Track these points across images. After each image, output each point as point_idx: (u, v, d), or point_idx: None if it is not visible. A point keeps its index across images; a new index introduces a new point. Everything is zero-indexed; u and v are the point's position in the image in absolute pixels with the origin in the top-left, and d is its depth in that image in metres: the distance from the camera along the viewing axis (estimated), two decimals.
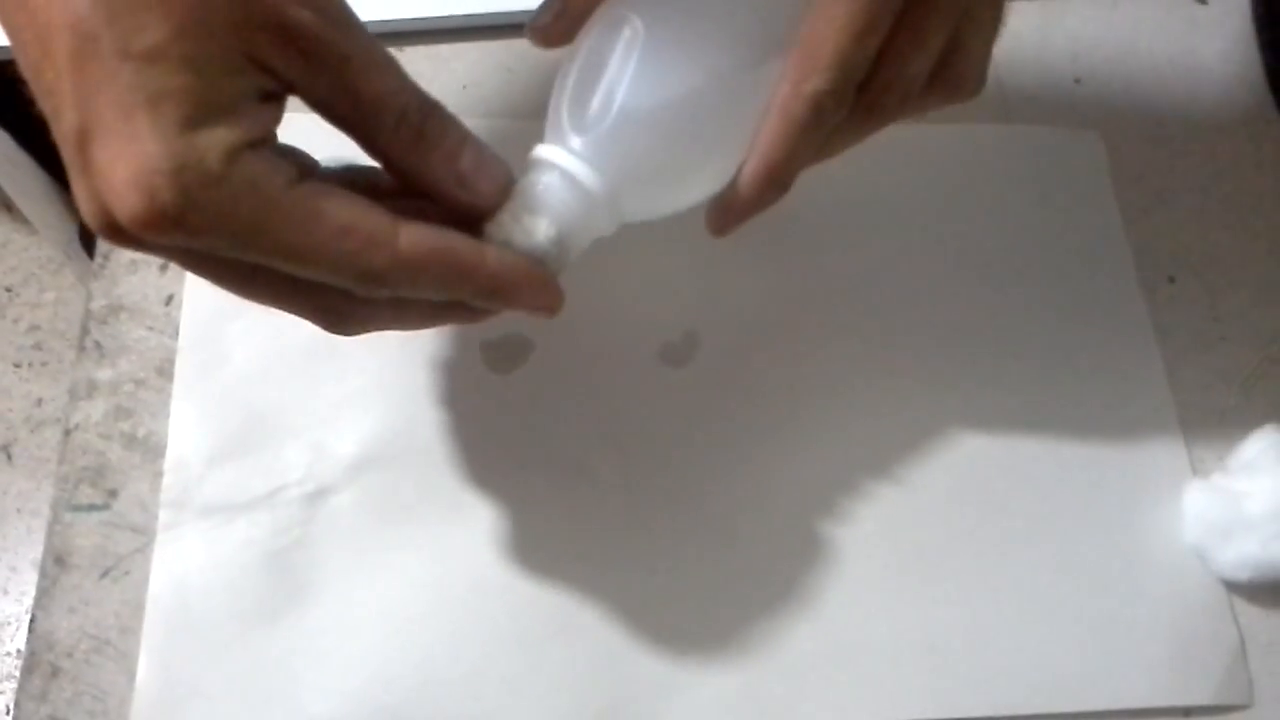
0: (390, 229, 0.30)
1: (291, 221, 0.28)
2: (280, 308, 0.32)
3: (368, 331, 0.34)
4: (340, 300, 0.32)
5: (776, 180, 0.35)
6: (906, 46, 0.34)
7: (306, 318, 0.33)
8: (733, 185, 0.36)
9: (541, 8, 0.38)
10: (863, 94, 0.34)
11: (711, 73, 0.34)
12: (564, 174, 0.33)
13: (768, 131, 0.35)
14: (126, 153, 0.27)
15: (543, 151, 0.34)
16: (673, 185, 0.36)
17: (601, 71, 0.34)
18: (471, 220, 0.34)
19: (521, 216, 0.33)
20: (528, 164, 0.34)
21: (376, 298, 0.31)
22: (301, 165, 0.30)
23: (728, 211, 0.37)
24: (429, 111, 0.32)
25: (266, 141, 0.29)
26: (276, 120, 0.30)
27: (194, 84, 0.27)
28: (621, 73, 0.33)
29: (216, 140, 0.27)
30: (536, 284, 0.33)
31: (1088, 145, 0.54)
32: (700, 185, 0.36)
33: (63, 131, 0.28)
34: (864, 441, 0.47)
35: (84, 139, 0.27)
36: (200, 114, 0.27)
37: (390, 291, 0.31)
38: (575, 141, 0.33)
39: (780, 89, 0.34)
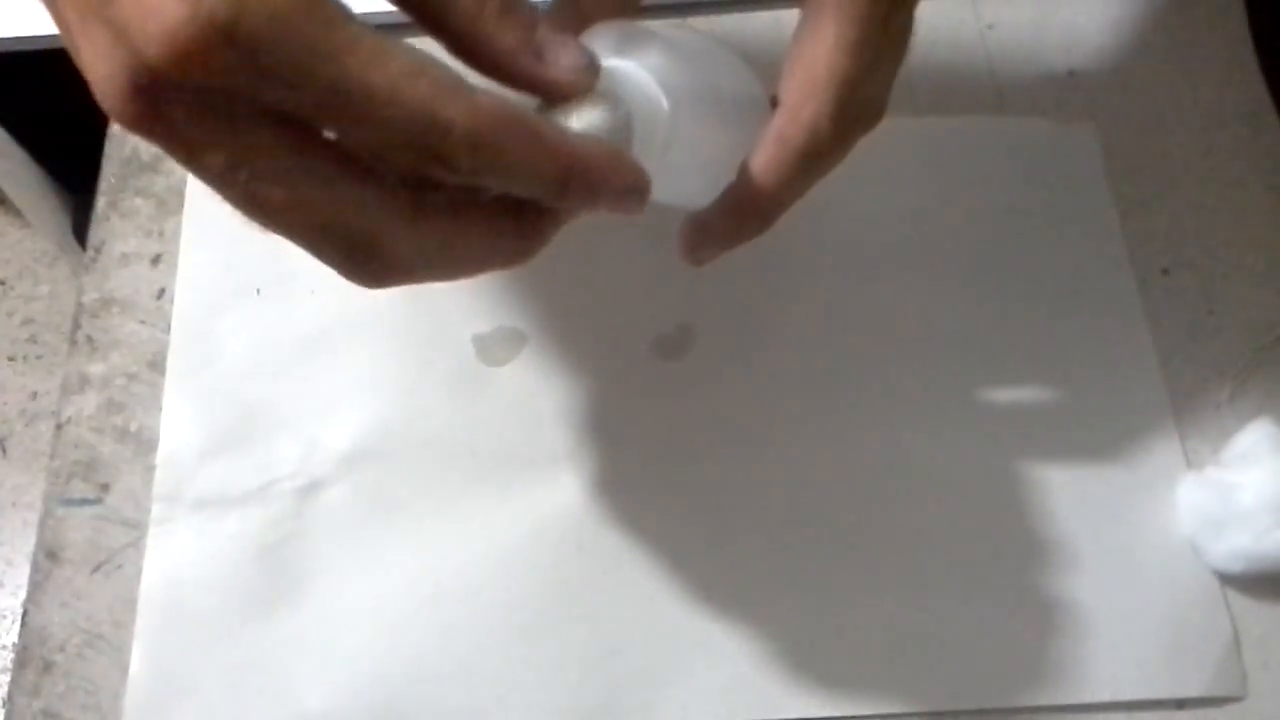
0: (465, 83, 0.25)
1: (358, 50, 0.24)
2: (308, 226, 0.27)
3: (404, 275, 0.28)
4: (384, 215, 0.27)
5: (768, 206, 0.35)
6: (874, 68, 0.33)
7: (334, 250, 0.27)
8: (713, 208, 0.35)
9: None
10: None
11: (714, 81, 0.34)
12: (630, 69, 0.31)
13: (762, 157, 0.34)
14: None
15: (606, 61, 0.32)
16: (692, 145, 0.34)
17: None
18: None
19: (595, 101, 0.30)
20: None
21: (442, 178, 0.26)
22: None
23: (705, 234, 0.36)
24: None
25: None
26: None
27: None
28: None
29: None
30: (624, 162, 0.29)
31: (1082, 137, 0.54)
32: (702, 172, 0.36)
33: None
34: (856, 434, 0.47)
35: None
36: None
37: (465, 162, 0.25)
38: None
39: (777, 117, 0.33)
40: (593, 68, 0.29)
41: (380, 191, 0.26)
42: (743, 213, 0.35)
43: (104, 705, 0.41)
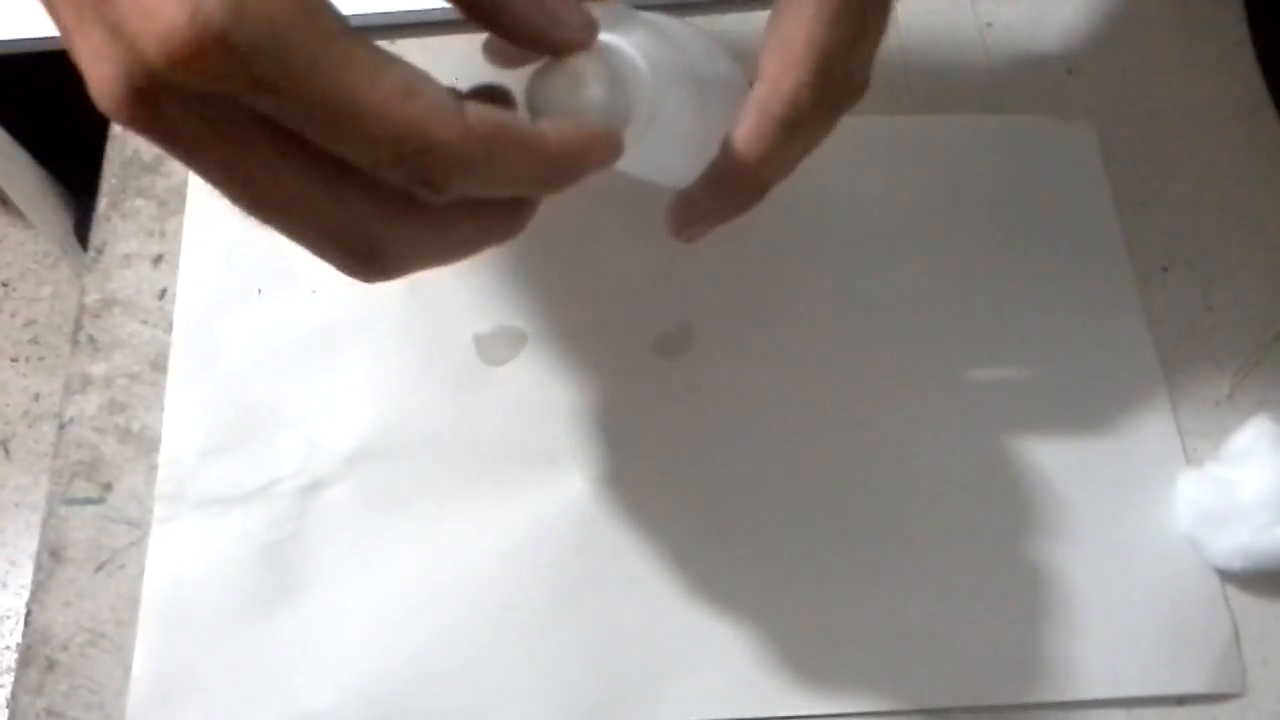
0: (456, 99, 0.26)
1: (353, 65, 0.24)
2: (305, 228, 0.27)
3: (402, 269, 0.29)
4: (381, 215, 0.27)
5: (750, 179, 0.35)
6: (856, 41, 0.34)
7: (335, 248, 0.28)
8: (702, 184, 0.36)
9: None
10: None
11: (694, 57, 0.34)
12: (619, 41, 0.32)
13: (743, 128, 0.34)
14: None
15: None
16: (676, 121, 0.34)
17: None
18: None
19: (592, 62, 0.31)
20: None
21: (437, 196, 0.27)
22: None
23: (693, 210, 0.36)
24: None
25: None
26: None
27: None
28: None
29: None
30: (597, 143, 0.30)
31: (1080, 135, 0.54)
32: (686, 148, 0.36)
33: None
34: (856, 432, 0.47)
35: None
36: None
37: (456, 178, 0.26)
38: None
39: (756, 89, 0.34)
40: (593, 26, 0.30)
41: (375, 194, 0.27)
42: (727, 186, 0.35)
43: (107, 704, 0.41)
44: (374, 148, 0.25)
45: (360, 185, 0.26)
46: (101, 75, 0.24)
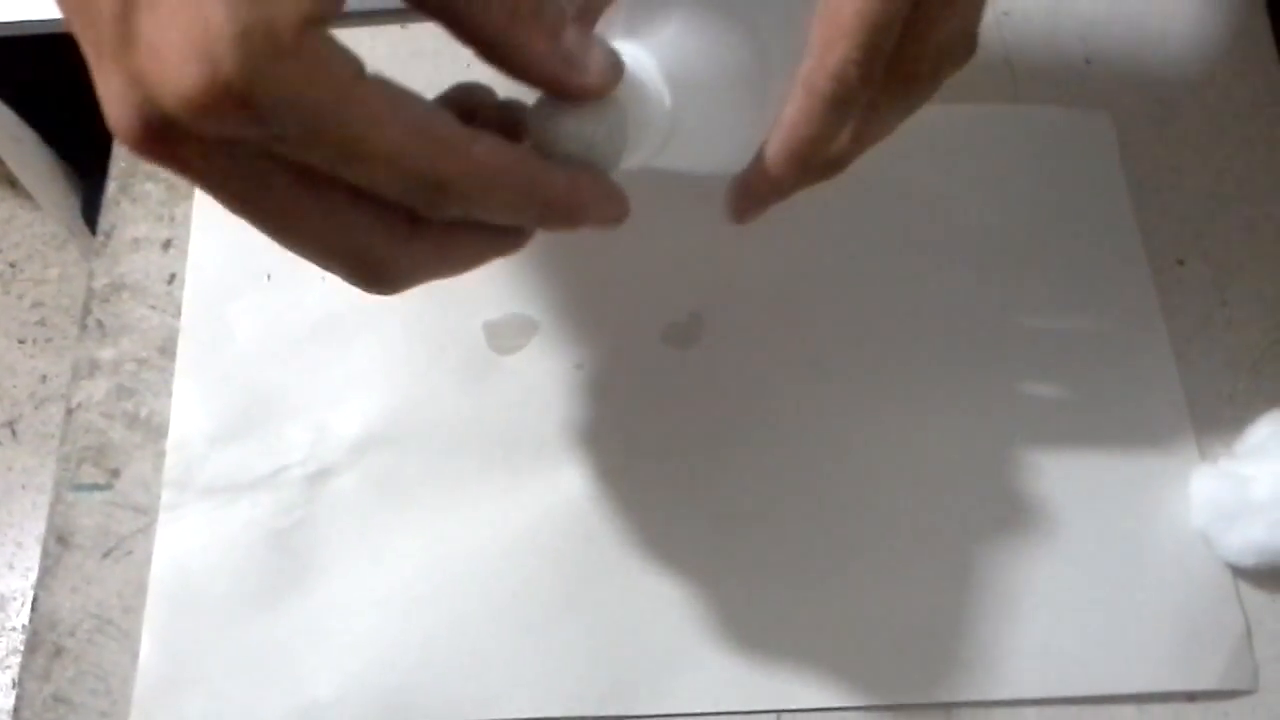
0: (466, 134, 0.27)
1: (365, 111, 0.25)
2: (317, 249, 0.29)
3: (407, 281, 0.30)
4: (387, 239, 0.28)
5: (799, 158, 0.34)
6: (936, 11, 0.32)
7: (344, 267, 0.29)
8: (753, 164, 0.35)
9: None
10: (897, 66, 0.33)
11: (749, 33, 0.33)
12: (633, 62, 0.31)
13: (791, 106, 0.33)
14: (183, 18, 0.23)
15: None
16: (717, 114, 0.34)
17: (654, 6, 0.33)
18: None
19: (579, 115, 0.30)
20: None
21: (439, 217, 0.28)
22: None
23: (747, 192, 0.36)
24: None
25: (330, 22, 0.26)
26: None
27: None
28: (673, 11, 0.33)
29: (288, 8, 0.24)
30: (605, 195, 0.31)
31: (1097, 126, 0.53)
32: (734, 136, 0.35)
33: (99, 8, 0.24)
34: (868, 424, 0.47)
35: (128, 8, 0.24)
36: None
37: (457, 208, 0.28)
38: (632, 41, 0.32)
39: (805, 63, 0.33)
40: (616, 69, 0.30)
41: (380, 215, 0.28)
42: (779, 164, 0.34)
43: (114, 690, 0.41)
44: (386, 182, 0.26)
45: (369, 212, 0.28)
46: (119, 113, 0.25)
